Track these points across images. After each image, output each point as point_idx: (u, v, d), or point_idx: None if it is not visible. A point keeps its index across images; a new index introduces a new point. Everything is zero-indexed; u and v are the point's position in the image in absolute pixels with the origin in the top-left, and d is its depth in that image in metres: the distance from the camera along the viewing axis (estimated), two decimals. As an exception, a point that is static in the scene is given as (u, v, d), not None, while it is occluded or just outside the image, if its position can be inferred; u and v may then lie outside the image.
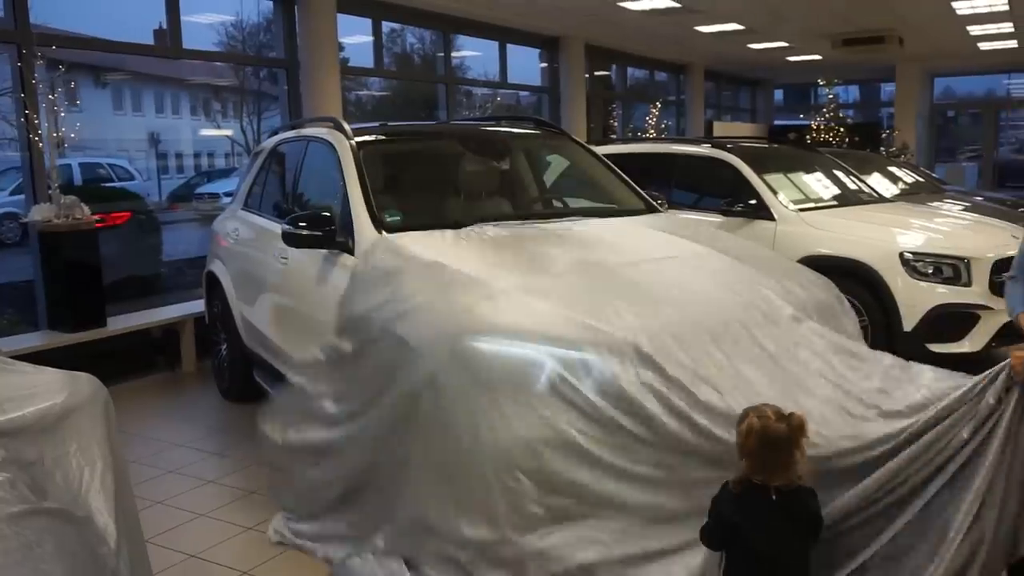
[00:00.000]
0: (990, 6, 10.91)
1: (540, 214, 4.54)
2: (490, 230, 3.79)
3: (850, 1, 10.46)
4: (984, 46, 15.09)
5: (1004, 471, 2.40)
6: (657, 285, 3.24)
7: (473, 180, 4.48)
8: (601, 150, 8.10)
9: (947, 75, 20.46)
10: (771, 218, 6.40)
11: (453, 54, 11.54)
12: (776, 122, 20.63)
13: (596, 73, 15.18)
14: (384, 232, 3.80)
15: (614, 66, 15.53)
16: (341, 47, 9.17)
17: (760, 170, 6.75)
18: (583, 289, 3.19)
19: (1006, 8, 11.11)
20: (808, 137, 16.13)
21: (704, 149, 7.20)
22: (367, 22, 9.67)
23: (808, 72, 17.31)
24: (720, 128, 15.98)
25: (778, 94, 23.35)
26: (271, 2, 8.46)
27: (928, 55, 16.82)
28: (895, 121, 18.60)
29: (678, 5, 10.20)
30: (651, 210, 4.57)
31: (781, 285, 3.36)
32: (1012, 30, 13.20)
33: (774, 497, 2.43)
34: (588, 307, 3.02)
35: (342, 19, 8.55)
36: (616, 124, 15.02)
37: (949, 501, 2.45)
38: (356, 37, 10.37)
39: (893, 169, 10.35)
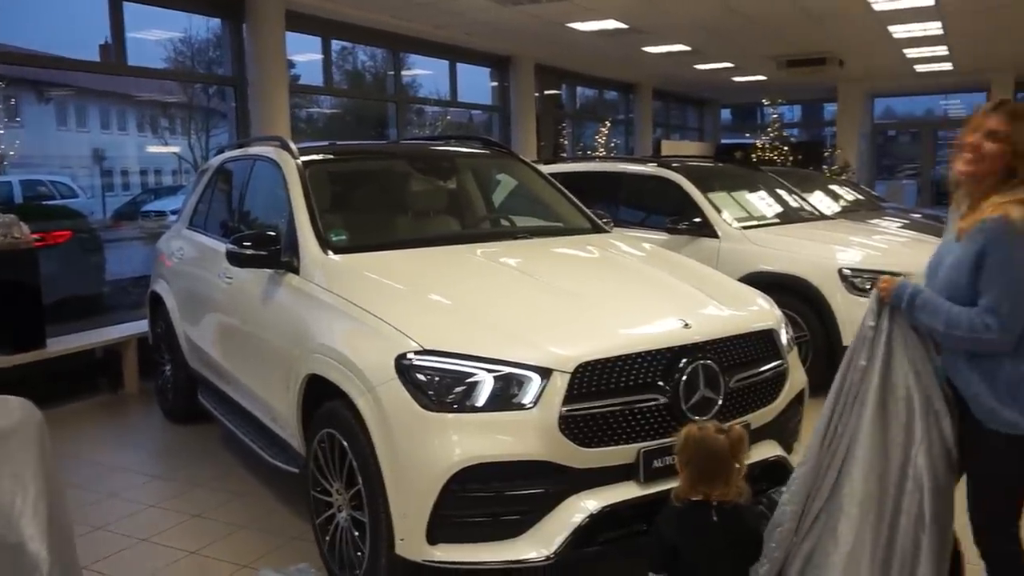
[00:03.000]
0: (924, 30, 11.29)
1: (487, 233, 4.57)
2: (435, 250, 3.81)
3: (792, 25, 10.74)
4: (920, 68, 15.58)
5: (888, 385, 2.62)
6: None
7: (420, 199, 4.50)
8: (551, 168, 8.27)
9: (886, 96, 21.06)
10: (715, 236, 6.53)
11: (404, 72, 11.57)
12: (723, 141, 20.99)
13: (547, 92, 15.34)
14: (330, 252, 3.80)
15: (564, 85, 15.70)
16: (292, 64, 9.16)
17: (705, 189, 6.88)
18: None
19: (940, 32, 11.51)
20: (753, 156, 16.49)
21: (650, 168, 7.32)
22: (317, 40, 9.67)
23: (754, 92, 17.69)
24: (668, 147, 16.24)
25: (726, 113, 23.81)
26: (219, 19, 8.42)
27: (868, 76, 17.31)
28: (837, 140, 19.08)
29: (626, 26, 10.37)
30: (597, 229, 4.63)
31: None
32: (947, 53, 13.67)
33: (715, 517, 2.48)
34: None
35: (291, 37, 8.54)
36: (566, 143, 15.17)
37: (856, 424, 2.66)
38: (307, 55, 10.35)
39: (834, 187, 10.63)
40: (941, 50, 13.32)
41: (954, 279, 2.49)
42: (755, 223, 6.79)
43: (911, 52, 13.44)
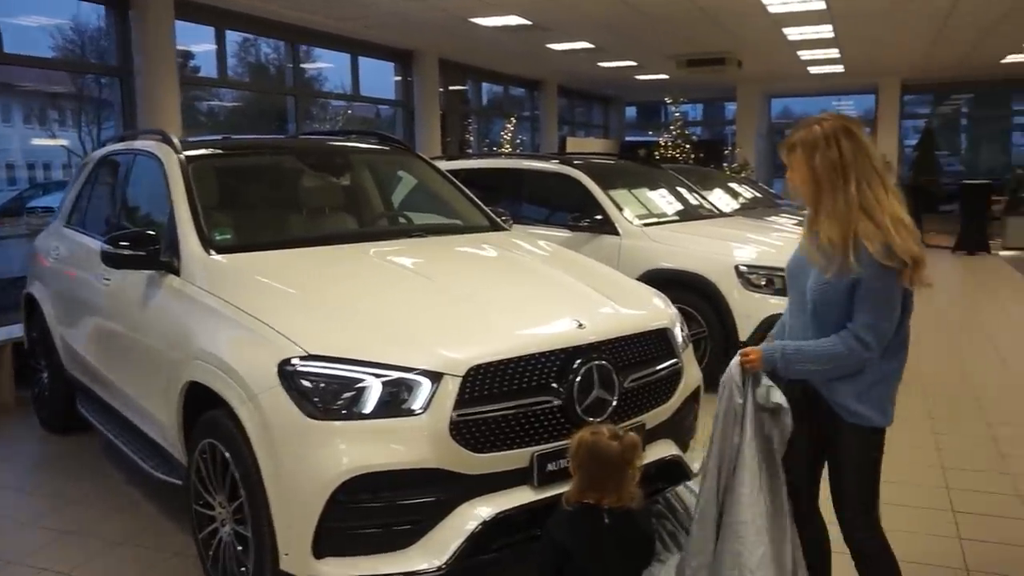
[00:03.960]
0: (817, 33, 11.66)
1: (381, 232, 4.42)
2: (325, 249, 3.67)
3: (691, 24, 10.93)
4: (814, 70, 16.13)
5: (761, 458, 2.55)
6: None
7: (312, 197, 4.34)
8: (453, 165, 8.20)
9: (783, 96, 21.75)
10: (616, 233, 6.55)
11: (308, 65, 11.27)
12: (628, 138, 21.29)
13: (452, 88, 15.22)
14: (213, 252, 3.61)
15: (470, 81, 15.62)
16: (190, 56, 8.77)
17: (606, 186, 6.90)
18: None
19: (832, 35, 11.91)
20: (656, 153, 16.76)
21: (552, 165, 7.30)
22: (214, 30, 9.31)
23: (657, 90, 17.98)
24: (573, 144, 16.34)
25: (632, 111, 24.19)
26: (103, 7, 7.99)
27: (765, 77, 17.82)
28: (737, 139, 19.60)
29: (529, 23, 10.36)
30: (495, 228, 4.56)
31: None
32: (838, 56, 14.17)
33: (607, 520, 2.44)
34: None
35: (185, 27, 8.18)
36: (472, 139, 15.09)
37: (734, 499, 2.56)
38: (205, 45, 9.94)
39: (733, 185, 10.86)
40: (833, 53, 13.79)
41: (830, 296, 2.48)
42: (655, 220, 6.86)
43: (805, 54, 13.88)
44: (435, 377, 2.77)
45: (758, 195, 11.11)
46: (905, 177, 17.69)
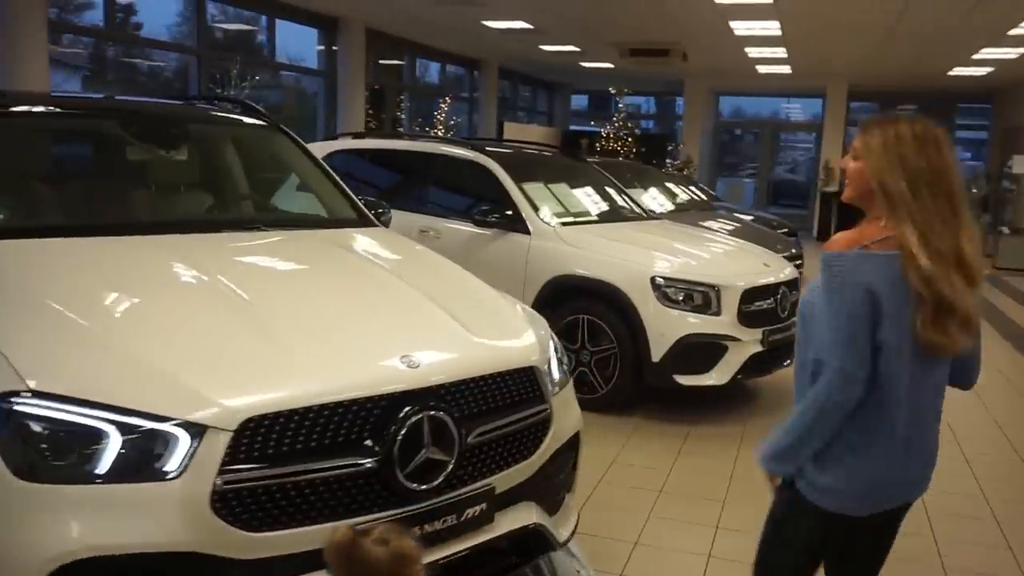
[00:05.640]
0: (764, 29, 11.13)
1: (207, 222, 3.52)
2: (118, 242, 2.91)
3: (634, 11, 10.29)
4: (762, 69, 15.67)
5: None
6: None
7: (125, 172, 3.53)
8: (358, 144, 7.46)
9: (731, 94, 21.35)
10: (527, 232, 5.88)
11: (227, 26, 10.32)
12: (571, 127, 20.66)
13: (385, 62, 14.37)
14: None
15: (407, 57, 14.78)
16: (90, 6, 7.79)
17: (521, 178, 6.21)
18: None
19: (779, 33, 11.40)
20: (598, 145, 16.15)
21: (463, 151, 6.56)
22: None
23: (605, 80, 17.37)
24: (511, 129, 15.61)
25: (583, 100, 23.52)
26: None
27: (712, 73, 17.33)
28: (683, 135, 19.11)
29: (458, -6, 9.61)
30: (364, 223, 3.82)
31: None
32: (785, 56, 13.70)
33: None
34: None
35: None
36: (404, 117, 14.26)
37: None
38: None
39: (671, 184, 10.27)
40: (780, 52, 13.32)
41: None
42: (572, 220, 6.20)
43: (752, 51, 13.37)
44: (196, 430, 2.06)
45: (695, 196, 10.55)
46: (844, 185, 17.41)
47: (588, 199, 6.87)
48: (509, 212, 5.98)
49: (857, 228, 1.93)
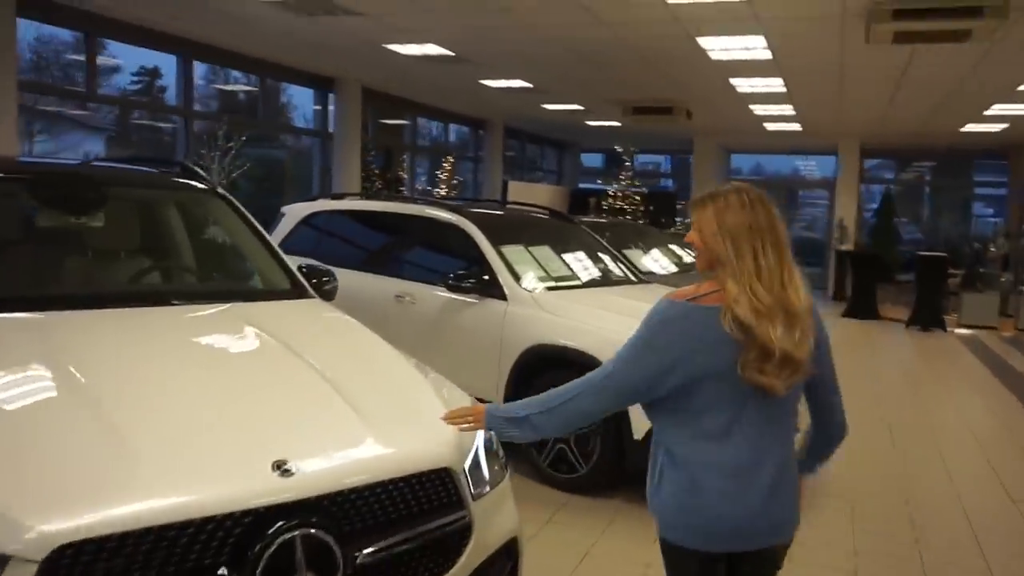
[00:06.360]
0: (767, 86, 10.88)
1: (108, 296, 3.12)
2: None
3: (632, 70, 10.08)
4: (771, 127, 15.41)
5: None
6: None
7: (27, 240, 3.23)
8: (337, 205, 7.20)
9: (742, 152, 21.08)
10: (503, 297, 5.55)
11: (222, 87, 10.22)
12: (580, 186, 20.45)
13: (387, 121, 14.26)
14: None
15: (408, 117, 14.67)
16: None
17: (501, 241, 5.90)
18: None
19: (783, 90, 11.14)
20: (604, 204, 15.91)
21: (442, 213, 6.27)
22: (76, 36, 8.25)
23: (614, 138, 17.18)
24: (516, 188, 15.37)
25: (596, 158, 23.34)
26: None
27: (720, 131, 17.12)
28: (693, 193, 18.80)
29: (452, 54, 9.42)
30: (299, 295, 3.50)
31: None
32: (793, 113, 13.44)
33: None
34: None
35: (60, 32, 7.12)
36: (406, 176, 14.08)
37: None
38: (75, 56, 8.77)
39: (673, 245, 9.91)
40: (787, 109, 13.06)
41: None
42: (553, 285, 5.85)
43: (758, 109, 13.12)
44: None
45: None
46: (862, 243, 17.01)
47: (574, 262, 6.53)
48: (486, 277, 5.66)
49: (696, 283, 2.13)
